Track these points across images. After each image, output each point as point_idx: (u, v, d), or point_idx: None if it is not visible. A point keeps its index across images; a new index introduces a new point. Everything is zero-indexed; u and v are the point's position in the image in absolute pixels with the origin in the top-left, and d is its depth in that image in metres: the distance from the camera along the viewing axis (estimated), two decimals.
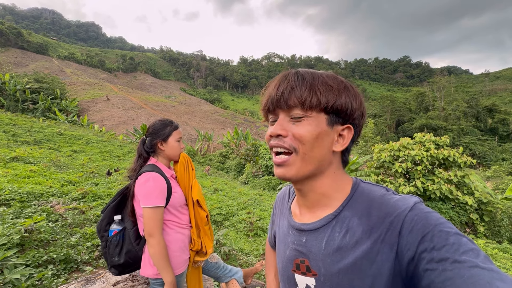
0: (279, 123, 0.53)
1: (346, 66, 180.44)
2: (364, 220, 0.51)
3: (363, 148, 26.51)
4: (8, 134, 11.96)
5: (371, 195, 0.53)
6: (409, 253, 0.43)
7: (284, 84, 0.52)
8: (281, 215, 0.71)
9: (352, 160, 11.76)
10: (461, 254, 0.39)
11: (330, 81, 0.52)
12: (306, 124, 0.51)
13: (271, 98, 0.53)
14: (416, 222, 0.44)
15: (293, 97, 0.50)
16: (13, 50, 78.05)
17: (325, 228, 0.55)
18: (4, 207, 3.69)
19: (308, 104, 0.49)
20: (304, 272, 0.57)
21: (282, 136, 0.52)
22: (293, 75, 0.52)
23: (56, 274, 2.36)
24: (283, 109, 0.52)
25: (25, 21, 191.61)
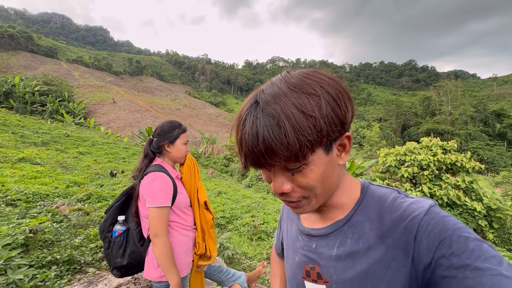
0: (279, 180, 0.45)
1: (351, 70, 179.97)
2: (376, 224, 0.48)
3: (368, 152, 26.30)
4: (16, 135, 12.16)
5: (382, 199, 0.50)
6: (425, 259, 0.41)
7: (259, 147, 0.40)
8: (289, 220, 0.69)
9: (357, 164, 11.65)
10: (482, 261, 0.36)
11: (310, 106, 0.40)
12: (307, 172, 0.43)
13: (252, 161, 0.42)
14: (433, 226, 0.42)
15: (278, 159, 0.41)
16: (23, 54, 79.87)
17: (336, 233, 0.53)
18: (11, 207, 3.73)
19: (301, 156, 0.41)
20: (315, 279, 0.54)
21: (286, 193, 0.46)
22: (260, 121, 0.40)
23: (59, 275, 2.35)
24: (269, 168, 0.44)
25: (36, 25, 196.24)
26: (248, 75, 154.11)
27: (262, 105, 0.41)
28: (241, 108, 0.45)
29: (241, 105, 0.47)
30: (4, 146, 9.20)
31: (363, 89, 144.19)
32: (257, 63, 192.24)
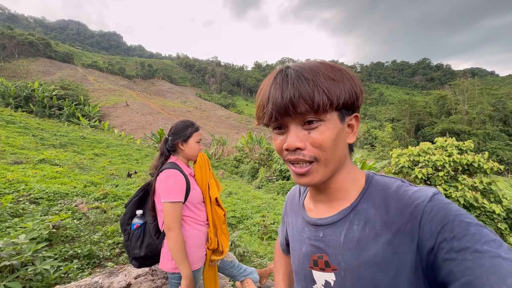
0: (294, 135, 0.48)
1: (362, 70, 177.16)
2: (382, 211, 0.50)
3: (380, 153, 25.78)
4: (36, 138, 12.72)
5: (386, 187, 0.53)
6: (428, 243, 0.43)
7: (289, 89, 0.46)
8: (294, 214, 0.70)
9: (369, 165, 11.47)
10: (482, 244, 0.38)
11: (331, 73, 0.48)
12: (323, 130, 0.47)
13: (277, 106, 0.47)
14: (436, 212, 0.44)
15: (303, 103, 0.45)
16: (42, 60, 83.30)
17: (343, 221, 0.54)
18: (34, 205, 3.93)
19: (321, 107, 0.45)
20: (323, 267, 0.55)
21: (300, 148, 0.48)
22: (293, 76, 0.47)
23: (81, 268, 2.48)
24: (292, 117, 0.47)
25: (53, 32, 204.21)
26: (258, 76, 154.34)
27: (292, 67, 0.49)
28: (268, 77, 0.52)
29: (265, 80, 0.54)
30: (25, 148, 9.65)
31: (374, 89, 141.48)
32: (266, 65, 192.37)
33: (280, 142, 0.51)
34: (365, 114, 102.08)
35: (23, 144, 10.23)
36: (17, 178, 5.00)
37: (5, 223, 3.00)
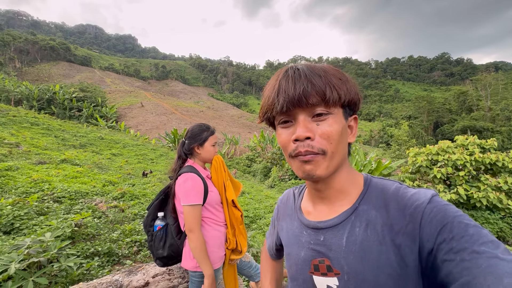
0: (304, 125, 0.48)
1: (377, 66, 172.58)
2: (383, 213, 0.50)
3: (396, 152, 25.02)
4: (58, 139, 13.32)
5: (386, 189, 0.53)
6: (428, 244, 0.43)
7: (302, 80, 0.48)
8: (288, 217, 0.68)
9: (384, 164, 11.19)
10: (480, 245, 0.38)
11: (338, 74, 0.51)
12: (332, 122, 0.49)
13: (289, 97, 0.47)
14: (435, 213, 0.44)
15: (315, 94, 0.47)
16: (62, 63, 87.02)
17: (344, 224, 0.53)
18: (57, 203, 4.13)
19: (331, 100, 0.48)
20: (325, 272, 0.54)
21: (310, 139, 0.48)
22: (305, 70, 0.49)
23: (101, 265, 2.58)
24: (303, 108, 0.48)
25: (73, 37, 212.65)
26: (269, 75, 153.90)
27: (302, 65, 0.51)
28: (275, 75, 0.53)
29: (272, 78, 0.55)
30: (48, 149, 10.13)
31: (390, 85, 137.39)
32: (278, 63, 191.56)
33: (288, 135, 0.51)
34: (380, 112, 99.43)
35: (46, 145, 10.74)
36: (42, 177, 5.26)
37: (32, 221, 3.18)
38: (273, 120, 0.54)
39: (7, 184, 4.62)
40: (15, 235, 2.86)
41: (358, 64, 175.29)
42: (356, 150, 14.59)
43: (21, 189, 4.47)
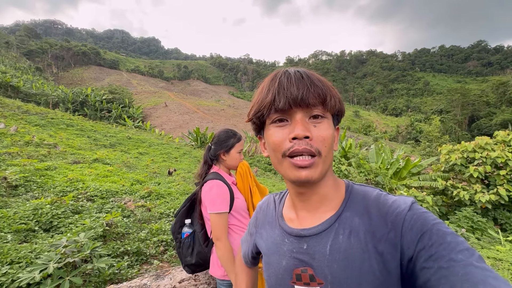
0: (302, 124, 0.48)
1: (404, 58, 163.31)
2: (365, 220, 0.50)
3: (426, 149, 23.52)
4: (90, 139, 14.19)
5: (367, 196, 0.54)
6: (409, 252, 0.44)
7: (304, 81, 0.49)
8: (268, 225, 0.65)
9: (413, 162, 10.57)
10: (457, 253, 0.40)
11: (331, 84, 0.52)
12: (326, 125, 0.50)
13: (292, 96, 0.48)
14: (415, 221, 0.46)
15: (317, 96, 0.48)
16: (93, 67, 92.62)
17: (328, 231, 0.52)
18: (90, 202, 4.38)
19: (329, 104, 0.49)
20: (307, 282, 0.52)
21: (308, 138, 0.48)
22: (307, 72, 0.51)
23: (130, 265, 2.69)
24: (302, 108, 0.49)
25: (102, 42, 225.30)
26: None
27: (299, 68, 0.52)
28: (269, 77, 0.53)
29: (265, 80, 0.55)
30: (82, 148, 10.82)
31: (419, 78, 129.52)
32: (298, 59, 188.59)
33: (283, 134, 0.50)
34: (408, 106, 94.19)
35: (80, 145, 11.48)
36: (76, 177, 5.61)
37: (68, 219, 3.39)
38: (263, 120, 0.53)
39: (47, 183, 4.98)
40: (54, 233, 3.07)
41: (383, 56, 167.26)
42: (382, 147, 13.95)
43: (59, 188, 4.80)
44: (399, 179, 10.55)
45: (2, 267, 2.11)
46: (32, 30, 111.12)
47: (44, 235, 2.93)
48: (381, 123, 77.21)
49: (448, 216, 7.28)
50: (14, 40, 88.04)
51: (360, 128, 61.10)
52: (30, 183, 4.73)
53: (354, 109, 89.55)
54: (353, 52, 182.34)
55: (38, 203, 3.51)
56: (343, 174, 10.92)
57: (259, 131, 0.58)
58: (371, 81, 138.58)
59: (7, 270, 2.08)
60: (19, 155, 6.80)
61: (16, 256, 2.28)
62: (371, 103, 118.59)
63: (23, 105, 18.42)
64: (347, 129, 51.07)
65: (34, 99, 31.93)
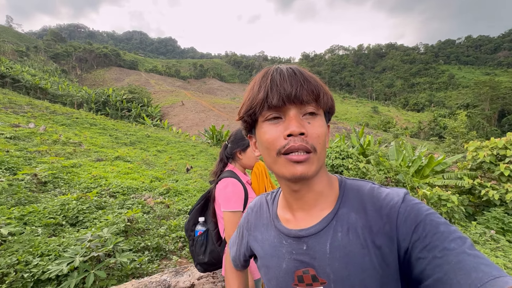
0: (296, 121, 0.48)
1: (427, 50, 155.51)
2: (361, 215, 0.50)
3: (451, 146, 22.34)
4: (112, 137, 14.78)
5: (361, 190, 0.54)
6: (404, 243, 0.45)
7: (298, 78, 0.48)
8: (263, 227, 0.63)
9: (437, 160, 10.08)
10: (450, 242, 0.41)
11: (322, 81, 0.52)
12: (321, 123, 0.50)
13: (286, 92, 0.47)
14: (409, 212, 0.46)
15: (311, 93, 0.48)
16: (114, 68, 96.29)
17: (326, 230, 0.52)
18: (112, 198, 4.56)
19: (323, 101, 0.49)
20: (310, 283, 0.52)
21: (303, 135, 0.47)
22: (300, 69, 0.50)
23: (151, 260, 2.77)
24: (296, 105, 0.48)
25: (122, 43, 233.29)
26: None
27: (291, 65, 0.52)
28: (260, 74, 0.52)
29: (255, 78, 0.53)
30: (105, 147, 11.29)
31: (443, 71, 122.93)
32: (314, 55, 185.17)
33: (277, 132, 0.49)
34: (431, 101, 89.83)
35: (103, 143, 11.98)
36: (99, 174, 5.87)
37: (92, 214, 3.55)
38: (255, 117, 0.52)
39: (73, 179, 5.24)
40: (79, 227, 3.22)
41: (404, 49, 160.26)
42: (403, 144, 13.43)
43: (83, 184, 5.04)
44: (422, 177, 10.11)
45: (34, 259, 2.25)
46: (57, 34, 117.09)
47: (71, 230, 3.08)
48: (401, 119, 74.30)
49: (476, 216, 6.89)
50: (42, 44, 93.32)
51: (379, 125, 59.14)
52: (57, 180, 5.00)
53: (373, 105, 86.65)
54: (371, 46, 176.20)
55: (65, 199, 3.70)
56: (361, 172, 10.63)
57: (250, 130, 0.56)
58: (391, 76, 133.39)
59: (38, 262, 2.21)
60: (48, 153, 7.21)
61: (46, 249, 2.42)
62: (390, 98, 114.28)
63: (50, 106, 19.51)
64: (366, 126, 49.61)
65: (60, 100, 33.74)
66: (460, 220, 6.23)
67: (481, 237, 5.07)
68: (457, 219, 6.21)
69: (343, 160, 11.81)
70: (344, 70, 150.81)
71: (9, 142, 7.49)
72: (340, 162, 11.71)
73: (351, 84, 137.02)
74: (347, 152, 11.62)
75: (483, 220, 6.25)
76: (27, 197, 3.80)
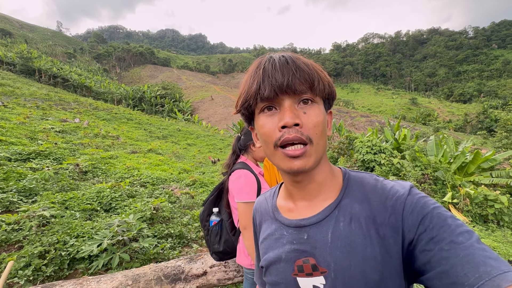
0: (291, 111, 0.46)
1: (477, 34, 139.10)
2: (365, 205, 0.50)
3: (503, 141, 19.87)
4: (146, 131, 15.71)
5: (365, 182, 0.53)
6: (410, 235, 0.45)
7: (289, 67, 0.47)
8: (266, 223, 0.62)
9: (485, 156, 9.06)
10: (457, 235, 0.41)
11: (319, 67, 0.51)
12: (318, 112, 0.48)
13: (277, 83, 0.46)
14: (415, 204, 0.46)
15: (304, 81, 0.47)
16: (149, 66, 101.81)
17: (328, 219, 0.51)
18: (143, 188, 4.85)
19: (318, 89, 0.48)
20: (310, 272, 0.51)
21: (298, 126, 0.46)
22: (292, 57, 0.48)
23: (173, 246, 2.90)
24: (290, 94, 0.47)
25: (156, 42, 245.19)
26: (337, 58, 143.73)
27: (285, 53, 0.50)
28: (254, 64, 0.52)
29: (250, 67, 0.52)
30: (139, 140, 12.05)
31: (496, 56, 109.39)
32: (346, 45, 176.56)
33: (273, 123, 0.48)
34: (480, 91, 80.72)
35: (138, 136, 12.80)
36: (133, 165, 6.28)
37: (124, 202, 3.82)
38: (252, 110, 0.51)
39: (109, 170, 5.68)
40: (112, 213, 3.48)
41: (449, 34, 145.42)
42: (443, 138, 12.31)
43: (118, 174, 5.44)
44: (465, 174, 9.19)
45: (71, 240, 2.48)
46: (99, 36, 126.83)
47: (104, 215, 3.35)
48: (444, 111, 68.07)
49: None
50: (86, 46, 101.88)
51: (417, 118, 54.84)
52: (96, 170, 5.45)
53: (411, 96, 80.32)
54: (410, 32, 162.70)
55: (101, 187, 4.02)
56: (395, 168, 9.99)
57: (250, 122, 0.56)
58: (433, 64, 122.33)
59: (74, 242, 2.44)
60: (89, 145, 7.90)
61: (81, 231, 2.66)
62: (432, 88, 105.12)
63: (94, 103, 21.31)
64: (402, 119, 46.38)
65: (102, 97, 36.69)
66: (510, 224, 5.56)
67: None
68: (506, 222, 5.55)
69: (375, 155, 11.21)
70: (379, 59, 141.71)
71: (58, 135, 8.35)
72: (371, 157, 11.15)
73: (386, 74, 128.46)
74: (379, 146, 11.00)
75: None
76: (69, 184, 4.20)
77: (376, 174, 0.45)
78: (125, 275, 1.57)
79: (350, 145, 16.25)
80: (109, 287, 1.48)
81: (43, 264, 2.16)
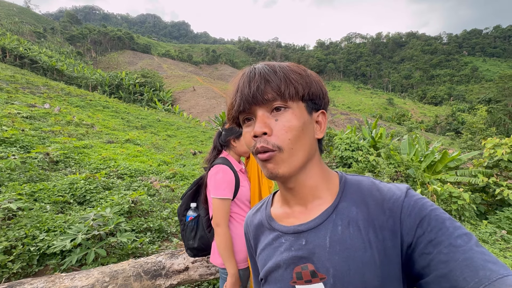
0: (261, 121, 0.48)
1: (450, 40, 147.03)
2: (363, 209, 0.50)
3: (468, 142, 21.46)
4: (124, 120, 15.04)
5: (362, 185, 0.53)
6: (408, 238, 0.45)
7: (256, 79, 0.48)
8: (262, 235, 0.62)
9: (452, 156, 9.74)
10: (456, 238, 0.40)
11: (297, 69, 0.51)
12: (291, 117, 0.48)
13: (245, 96, 0.48)
14: (413, 207, 0.46)
15: (270, 90, 0.47)
16: (127, 52, 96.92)
17: (326, 223, 0.51)
18: (120, 179, 4.67)
19: (287, 94, 0.47)
20: (309, 279, 0.50)
21: (267, 134, 0.48)
22: (260, 69, 0.49)
23: (152, 241, 2.83)
24: (260, 105, 0.48)
25: (135, 27, 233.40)
26: (320, 56, 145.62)
27: (261, 64, 0.52)
28: (237, 76, 0.53)
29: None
30: (116, 129, 11.52)
31: (466, 63, 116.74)
32: (330, 42, 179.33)
33: (250, 133, 0.50)
34: (450, 94, 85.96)
35: (114, 126, 12.22)
36: (109, 156, 6.00)
37: (99, 194, 3.65)
38: (239, 121, 0.54)
39: (83, 160, 5.39)
40: (86, 206, 3.32)
41: (426, 39, 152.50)
42: (416, 138, 13.02)
43: (93, 165, 5.17)
44: (434, 173, 9.83)
45: (40, 234, 2.34)
46: (73, 16, 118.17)
47: (78, 208, 3.19)
48: (417, 112, 71.83)
49: (487, 215, 6.68)
50: (58, 26, 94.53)
51: (393, 117, 57.46)
52: (69, 160, 5.15)
53: (388, 97, 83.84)
54: (390, 35, 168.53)
55: (74, 178, 3.81)
56: (370, 165, 10.45)
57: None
58: (409, 66, 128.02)
59: (44, 237, 2.30)
60: (61, 133, 7.42)
61: (53, 225, 2.51)
62: (407, 90, 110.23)
63: (66, 87, 19.96)
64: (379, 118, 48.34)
65: (75, 82, 34.48)
66: (470, 218, 6.06)
67: (491, 236, 4.92)
68: (467, 217, 6.04)
69: (352, 152, 11.62)
70: (360, 59, 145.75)
71: (25, 121, 7.74)
72: (349, 154, 11.53)
73: (366, 74, 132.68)
74: (357, 144, 11.41)
75: (494, 220, 6.06)
76: (39, 175, 3.93)
77: (356, 172, 0.46)
78: (102, 271, 1.51)
79: (330, 142, 16.71)
80: (84, 284, 1.41)
81: (9, 260, 2.02)
